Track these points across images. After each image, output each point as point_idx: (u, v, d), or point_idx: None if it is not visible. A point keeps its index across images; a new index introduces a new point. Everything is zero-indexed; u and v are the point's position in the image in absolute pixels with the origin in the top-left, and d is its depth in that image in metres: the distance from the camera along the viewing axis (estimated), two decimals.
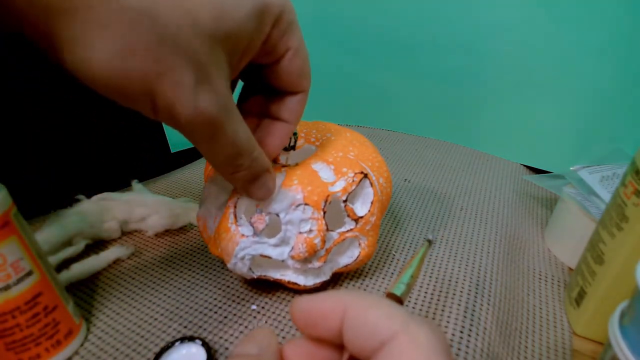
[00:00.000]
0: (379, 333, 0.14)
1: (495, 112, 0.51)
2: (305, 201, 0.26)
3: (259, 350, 0.16)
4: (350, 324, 0.15)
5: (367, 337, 0.14)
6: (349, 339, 0.15)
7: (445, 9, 0.49)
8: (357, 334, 0.14)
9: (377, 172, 0.30)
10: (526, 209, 0.43)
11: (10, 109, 0.37)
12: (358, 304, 0.15)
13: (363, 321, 0.14)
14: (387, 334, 0.14)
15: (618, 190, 0.26)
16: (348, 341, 0.15)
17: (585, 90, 0.44)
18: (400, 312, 0.14)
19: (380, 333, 0.14)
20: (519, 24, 0.45)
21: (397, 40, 0.53)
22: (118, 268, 0.34)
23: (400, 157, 0.53)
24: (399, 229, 0.38)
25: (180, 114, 0.18)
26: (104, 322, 0.29)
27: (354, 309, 0.15)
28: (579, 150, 0.43)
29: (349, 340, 0.15)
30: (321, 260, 0.28)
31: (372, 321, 0.14)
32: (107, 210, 0.36)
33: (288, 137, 0.26)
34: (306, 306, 0.16)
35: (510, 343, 0.28)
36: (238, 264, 0.28)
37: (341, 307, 0.15)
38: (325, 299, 0.16)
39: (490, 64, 0.49)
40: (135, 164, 0.47)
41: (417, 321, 0.14)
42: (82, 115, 0.41)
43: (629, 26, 0.39)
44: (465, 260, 0.34)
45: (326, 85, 0.61)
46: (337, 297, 0.15)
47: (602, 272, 0.27)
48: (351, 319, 0.15)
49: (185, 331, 0.28)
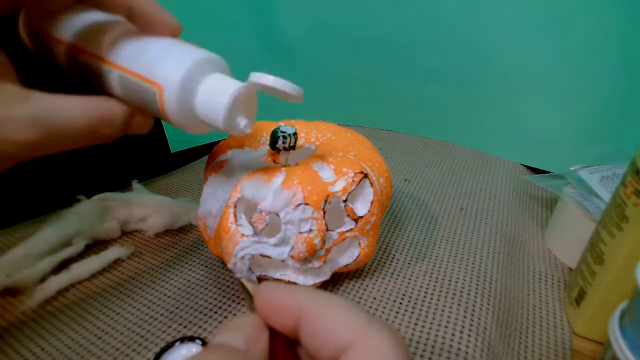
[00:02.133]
0: (336, 340, 0.13)
1: (495, 112, 0.51)
2: (305, 201, 0.26)
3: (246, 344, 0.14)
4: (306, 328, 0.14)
5: (324, 343, 0.13)
6: (306, 342, 0.14)
7: (445, 9, 0.49)
8: (313, 339, 0.14)
9: (377, 172, 0.30)
10: (526, 209, 0.43)
11: None
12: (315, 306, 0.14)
13: (320, 326, 0.14)
14: (345, 340, 0.13)
15: (618, 190, 0.26)
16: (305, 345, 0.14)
17: (585, 90, 0.44)
18: (358, 317, 0.14)
19: (338, 340, 0.13)
20: (519, 24, 0.45)
21: (397, 40, 0.53)
22: (118, 268, 0.34)
23: (400, 157, 0.53)
24: (399, 229, 0.38)
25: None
26: (104, 322, 0.29)
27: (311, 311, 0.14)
28: (579, 150, 0.43)
29: (306, 344, 0.14)
30: (321, 260, 0.28)
31: (329, 327, 0.14)
32: (107, 210, 0.36)
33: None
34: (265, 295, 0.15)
35: (510, 343, 0.28)
36: (238, 264, 0.28)
37: (296, 306, 0.14)
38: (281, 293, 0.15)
39: (490, 64, 0.49)
40: (135, 164, 0.47)
41: (376, 326, 0.13)
42: None
43: (629, 26, 0.39)
44: (465, 260, 0.34)
45: (326, 85, 0.61)
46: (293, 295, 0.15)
47: (602, 272, 0.27)
48: (307, 323, 0.14)
49: (185, 331, 0.28)
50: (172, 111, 0.22)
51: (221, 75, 0.23)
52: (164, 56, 0.22)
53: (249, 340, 0.14)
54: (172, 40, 0.23)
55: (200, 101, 0.23)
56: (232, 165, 0.30)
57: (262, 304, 0.15)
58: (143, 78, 0.22)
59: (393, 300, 0.30)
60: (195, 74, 0.22)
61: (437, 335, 0.27)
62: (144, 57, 0.22)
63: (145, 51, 0.22)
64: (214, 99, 0.22)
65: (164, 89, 0.22)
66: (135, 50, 0.22)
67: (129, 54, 0.22)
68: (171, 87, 0.22)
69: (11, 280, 0.30)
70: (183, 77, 0.22)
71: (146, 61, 0.22)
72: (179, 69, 0.22)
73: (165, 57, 0.22)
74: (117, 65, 0.22)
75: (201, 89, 0.23)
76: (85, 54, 0.23)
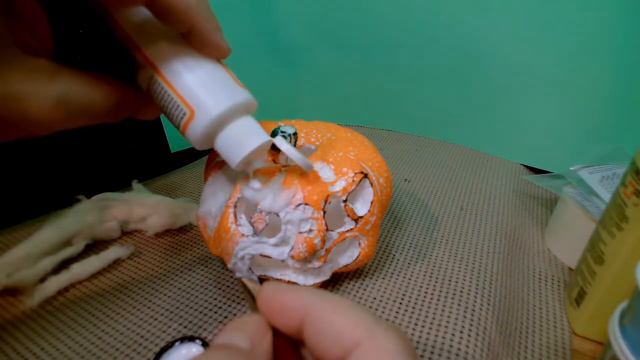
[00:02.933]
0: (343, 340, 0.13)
1: (495, 112, 0.51)
2: (305, 201, 0.26)
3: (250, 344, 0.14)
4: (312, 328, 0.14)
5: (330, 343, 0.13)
6: (311, 343, 0.14)
7: (445, 9, 0.49)
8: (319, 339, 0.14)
9: (377, 172, 0.30)
10: (526, 209, 0.43)
11: None
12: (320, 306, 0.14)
13: (326, 327, 0.14)
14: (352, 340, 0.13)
15: (618, 190, 0.26)
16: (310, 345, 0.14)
17: (585, 90, 0.44)
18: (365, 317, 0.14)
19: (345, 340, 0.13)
20: (520, 23, 0.45)
21: (397, 40, 0.53)
22: (118, 268, 0.34)
23: (400, 157, 0.53)
24: (399, 229, 0.38)
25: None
26: (104, 322, 0.29)
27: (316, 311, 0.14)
28: (579, 150, 0.43)
29: (311, 344, 0.14)
30: (321, 260, 0.28)
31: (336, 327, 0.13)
32: (107, 210, 0.36)
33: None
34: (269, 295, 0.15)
35: (510, 343, 0.28)
36: (238, 264, 0.28)
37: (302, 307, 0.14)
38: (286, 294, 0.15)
39: (490, 64, 0.49)
40: (135, 164, 0.47)
41: (383, 327, 0.13)
42: None
43: (629, 26, 0.39)
44: (465, 260, 0.34)
45: (326, 85, 0.61)
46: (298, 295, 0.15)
47: (602, 272, 0.27)
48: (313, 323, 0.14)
49: (185, 331, 0.28)
50: (192, 135, 0.23)
51: (250, 121, 0.24)
52: (207, 86, 0.22)
53: (252, 340, 0.14)
54: (218, 67, 0.24)
55: (223, 138, 0.24)
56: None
57: (265, 304, 0.15)
58: (179, 96, 0.22)
59: (393, 300, 0.30)
60: (230, 115, 0.23)
61: (437, 335, 0.27)
62: (187, 76, 0.22)
63: (190, 71, 0.22)
64: (236, 144, 0.23)
65: (195, 116, 0.22)
66: (180, 65, 0.22)
67: (173, 67, 0.22)
68: (203, 118, 0.22)
69: (11, 280, 0.30)
70: (218, 115, 0.22)
71: (188, 82, 0.22)
72: (217, 107, 0.22)
73: (208, 87, 0.22)
74: (159, 71, 0.22)
75: (228, 129, 0.23)
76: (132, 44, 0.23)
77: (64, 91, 0.19)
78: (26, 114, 0.18)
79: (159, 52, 0.22)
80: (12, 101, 0.18)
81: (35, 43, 0.20)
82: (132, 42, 0.23)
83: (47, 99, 0.18)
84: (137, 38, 0.22)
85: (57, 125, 0.19)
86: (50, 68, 0.19)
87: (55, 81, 0.18)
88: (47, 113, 0.18)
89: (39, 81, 0.18)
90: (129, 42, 0.23)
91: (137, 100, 0.23)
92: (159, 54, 0.22)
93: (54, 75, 0.19)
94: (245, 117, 0.24)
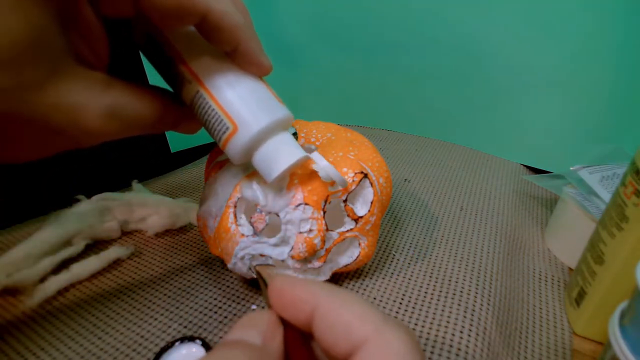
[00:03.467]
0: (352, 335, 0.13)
1: (495, 112, 0.51)
2: (305, 201, 0.26)
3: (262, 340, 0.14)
4: (321, 321, 0.14)
5: (339, 338, 0.13)
6: (320, 337, 0.14)
7: (445, 10, 0.49)
8: (328, 332, 0.14)
9: (377, 172, 0.30)
10: (526, 209, 0.43)
11: None
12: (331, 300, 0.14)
13: (335, 321, 0.14)
14: (360, 335, 0.13)
15: (618, 190, 0.26)
16: (319, 339, 0.14)
17: (585, 90, 0.44)
18: (374, 314, 0.14)
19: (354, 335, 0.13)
20: (520, 23, 0.45)
21: (397, 40, 0.53)
22: (118, 268, 0.34)
23: (400, 157, 0.53)
24: (399, 229, 0.38)
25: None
26: (104, 322, 0.29)
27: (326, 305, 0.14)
28: (579, 150, 0.43)
29: (320, 338, 0.14)
30: (321, 260, 0.28)
31: (345, 322, 0.14)
32: (107, 210, 0.36)
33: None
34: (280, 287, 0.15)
35: (510, 343, 0.28)
36: (238, 264, 0.28)
37: (312, 300, 0.14)
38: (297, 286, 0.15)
39: (490, 64, 0.49)
40: (135, 164, 0.47)
41: (391, 324, 0.13)
42: None
43: (629, 26, 0.39)
44: (465, 260, 0.34)
45: (326, 85, 0.61)
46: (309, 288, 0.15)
47: (602, 272, 0.27)
48: (323, 317, 0.14)
49: (185, 331, 0.28)
50: (233, 149, 0.24)
51: (288, 137, 0.25)
52: (250, 102, 0.23)
53: (264, 336, 0.14)
54: (260, 84, 0.24)
55: (261, 153, 0.24)
56: (232, 165, 0.30)
57: (276, 296, 0.15)
58: (223, 110, 0.23)
59: (393, 300, 0.30)
60: (270, 130, 0.24)
61: (437, 335, 0.27)
62: (231, 92, 0.23)
63: (234, 87, 0.23)
64: (274, 159, 0.24)
65: (238, 131, 0.23)
66: (225, 82, 0.23)
67: (218, 82, 0.23)
68: (246, 133, 0.23)
69: (11, 280, 0.30)
70: (259, 131, 0.23)
71: (231, 98, 0.23)
72: (260, 122, 0.23)
73: (251, 103, 0.23)
74: (205, 86, 0.23)
75: (267, 144, 0.24)
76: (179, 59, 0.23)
77: (115, 103, 0.19)
78: (78, 124, 0.18)
79: (205, 68, 0.23)
80: (66, 111, 0.18)
81: (91, 56, 0.21)
82: (180, 56, 0.23)
83: (100, 110, 0.19)
84: (185, 53, 0.23)
85: (106, 136, 0.20)
86: (104, 80, 0.19)
87: (107, 93, 0.19)
88: (98, 124, 0.19)
89: (93, 92, 0.18)
90: (177, 57, 0.23)
91: (180, 114, 0.24)
92: (205, 69, 0.23)
93: (107, 87, 0.19)
94: (283, 133, 0.25)
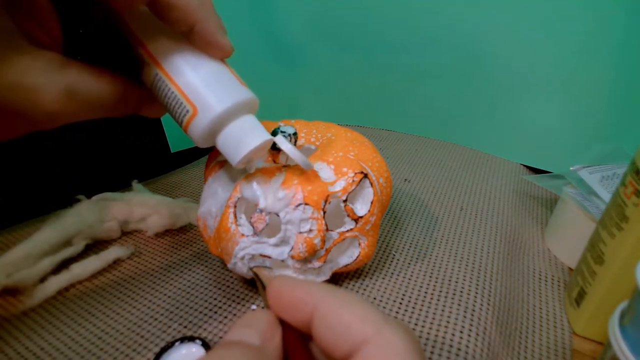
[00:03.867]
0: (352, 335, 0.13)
1: (495, 111, 0.51)
2: (305, 201, 0.26)
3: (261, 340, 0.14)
4: (321, 322, 0.14)
5: (339, 339, 0.13)
6: (320, 338, 0.14)
7: (445, 9, 0.49)
8: (328, 333, 0.14)
9: (377, 172, 0.30)
10: (526, 209, 0.43)
11: None
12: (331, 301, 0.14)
13: (335, 322, 0.14)
14: (360, 336, 0.13)
15: (618, 190, 0.26)
16: (319, 340, 0.14)
17: (585, 90, 0.44)
18: (374, 314, 0.14)
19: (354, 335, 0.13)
20: (520, 23, 0.45)
21: (397, 40, 0.53)
22: (118, 268, 0.34)
23: (400, 157, 0.53)
24: (399, 229, 0.38)
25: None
26: (104, 322, 0.29)
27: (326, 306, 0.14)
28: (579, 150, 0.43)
29: (319, 339, 0.14)
30: (321, 260, 0.28)
31: (345, 323, 0.13)
32: (107, 210, 0.36)
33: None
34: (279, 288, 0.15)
35: (510, 343, 0.28)
36: (238, 264, 0.28)
37: (311, 301, 0.14)
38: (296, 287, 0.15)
39: (490, 64, 0.49)
40: (135, 164, 0.47)
41: (392, 325, 0.13)
42: None
43: (629, 26, 0.39)
44: (465, 260, 0.34)
45: (326, 85, 0.61)
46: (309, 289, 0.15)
47: (602, 272, 0.27)
48: (323, 318, 0.14)
49: (185, 331, 0.28)
50: (194, 132, 0.23)
51: (252, 120, 0.24)
52: (211, 84, 0.23)
53: (263, 336, 0.14)
54: (221, 65, 0.24)
55: (224, 136, 0.24)
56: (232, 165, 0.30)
57: (275, 298, 0.15)
58: (182, 93, 0.23)
59: (393, 300, 0.30)
60: (232, 113, 0.23)
61: (437, 335, 0.27)
62: (191, 75, 0.23)
63: (193, 69, 0.23)
64: (237, 142, 0.24)
65: (198, 114, 0.23)
66: (184, 63, 0.23)
67: (177, 65, 0.23)
68: (206, 116, 0.23)
69: (11, 280, 0.30)
70: (220, 113, 0.23)
71: (191, 80, 0.22)
72: (219, 105, 0.22)
73: (211, 85, 0.23)
74: (163, 69, 0.23)
75: (230, 127, 0.24)
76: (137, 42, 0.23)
77: (73, 82, 0.19)
78: (35, 105, 0.18)
79: (162, 49, 0.23)
80: (22, 92, 0.18)
81: (44, 37, 0.20)
82: (137, 38, 0.23)
83: (56, 90, 0.18)
84: (141, 34, 0.23)
85: (65, 117, 0.20)
86: (59, 60, 0.19)
87: (64, 72, 0.19)
88: (56, 104, 0.19)
89: (49, 72, 0.18)
90: (134, 39, 0.23)
91: (141, 96, 0.23)
92: (162, 51, 0.23)
93: (63, 67, 0.19)
94: (247, 115, 0.24)
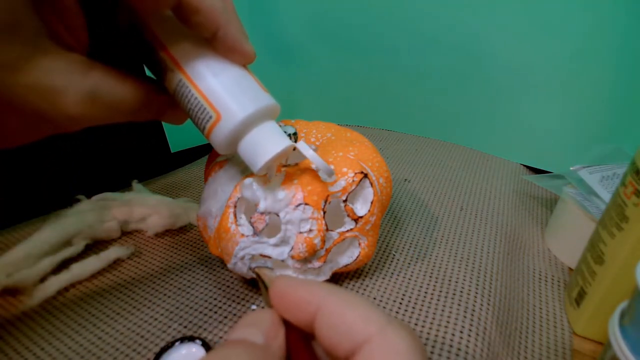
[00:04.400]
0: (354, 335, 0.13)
1: (495, 112, 0.51)
2: (305, 201, 0.26)
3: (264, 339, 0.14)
4: (324, 322, 0.14)
5: (341, 338, 0.13)
6: (322, 337, 0.14)
7: (445, 10, 0.49)
8: (331, 333, 0.14)
9: (377, 172, 0.30)
10: (526, 209, 0.43)
11: None
12: (333, 301, 0.14)
13: (337, 321, 0.14)
14: (362, 336, 0.13)
15: (618, 190, 0.26)
16: (321, 338, 0.14)
17: (585, 90, 0.44)
18: (377, 314, 0.14)
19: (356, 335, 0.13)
20: (520, 23, 0.45)
21: (397, 40, 0.53)
22: (118, 268, 0.34)
23: (400, 157, 0.53)
24: (399, 229, 0.38)
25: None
26: (104, 322, 0.29)
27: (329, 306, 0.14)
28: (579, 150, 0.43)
29: (322, 338, 0.14)
30: (321, 260, 0.28)
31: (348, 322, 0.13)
32: (107, 210, 0.36)
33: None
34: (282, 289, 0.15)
35: (510, 343, 0.28)
36: (238, 264, 0.28)
37: (315, 301, 0.14)
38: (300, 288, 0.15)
39: (490, 64, 0.49)
40: (135, 164, 0.47)
41: (394, 325, 0.13)
42: None
43: (629, 26, 0.39)
44: (465, 260, 0.34)
45: (326, 85, 0.61)
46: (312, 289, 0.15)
47: (602, 272, 0.27)
48: (325, 317, 0.14)
49: (185, 331, 0.28)
50: (217, 138, 0.23)
51: (273, 126, 0.24)
52: (234, 90, 0.23)
53: (267, 335, 0.14)
54: (244, 71, 0.24)
55: (246, 142, 0.24)
56: (232, 165, 0.30)
57: (278, 297, 0.15)
58: (206, 99, 0.22)
59: (393, 300, 0.30)
60: (255, 119, 0.23)
61: (437, 335, 0.27)
62: (214, 80, 0.22)
63: (217, 76, 0.23)
64: (259, 148, 0.24)
65: (221, 120, 0.23)
66: (207, 69, 0.23)
67: (201, 70, 0.22)
68: (230, 122, 0.22)
69: (11, 280, 0.30)
70: (243, 120, 0.23)
71: (214, 86, 0.22)
72: (243, 110, 0.22)
73: (234, 91, 0.23)
74: (186, 74, 0.22)
75: (252, 133, 0.24)
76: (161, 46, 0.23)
77: (96, 85, 0.19)
78: (59, 107, 0.18)
79: (186, 55, 0.23)
80: (45, 93, 0.18)
81: (70, 38, 0.20)
82: (161, 43, 0.23)
83: (80, 93, 0.18)
84: (165, 39, 0.23)
85: (87, 120, 0.20)
86: (84, 62, 0.19)
87: (88, 75, 0.19)
88: (79, 107, 0.18)
89: (73, 74, 0.18)
90: (158, 44, 0.23)
91: (163, 102, 0.23)
92: (186, 56, 0.23)
93: (88, 69, 0.19)
94: (269, 121, 0.24)
